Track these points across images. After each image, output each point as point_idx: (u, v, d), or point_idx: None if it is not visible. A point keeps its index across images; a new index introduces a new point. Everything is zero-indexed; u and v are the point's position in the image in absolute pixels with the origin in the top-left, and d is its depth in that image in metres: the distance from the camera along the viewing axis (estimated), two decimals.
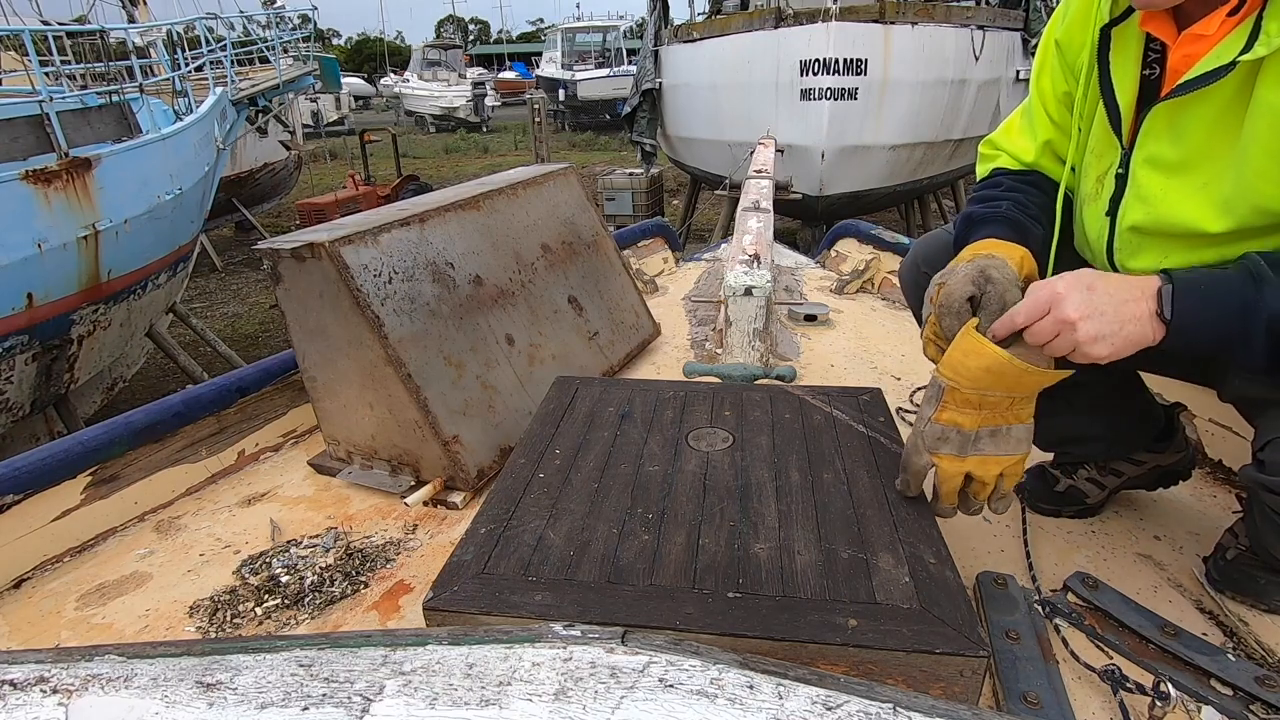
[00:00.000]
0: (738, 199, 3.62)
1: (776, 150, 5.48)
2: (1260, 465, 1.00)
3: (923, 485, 1.05)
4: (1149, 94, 1.05)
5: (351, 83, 33.31)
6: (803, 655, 0.82)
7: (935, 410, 1.00)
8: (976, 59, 8.04)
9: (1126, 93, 1.06)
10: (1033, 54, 9.63)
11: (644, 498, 1.07)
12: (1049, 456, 1.46)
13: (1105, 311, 0.91)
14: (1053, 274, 1.19)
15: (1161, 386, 1.51)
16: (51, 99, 4.53)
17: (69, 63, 6.85)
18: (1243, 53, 0.89)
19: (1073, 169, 1.18)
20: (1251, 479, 1.02)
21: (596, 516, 1.03)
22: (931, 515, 1.03)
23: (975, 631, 0.81)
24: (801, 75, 7.18)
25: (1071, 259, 1.21)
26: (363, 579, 1.32)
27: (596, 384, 1.44)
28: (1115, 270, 1.15)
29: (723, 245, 3.79)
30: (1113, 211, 1.10)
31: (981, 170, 1.31)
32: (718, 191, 7.31)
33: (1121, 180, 1.08)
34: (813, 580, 0.90)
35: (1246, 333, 0.88)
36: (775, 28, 7.40)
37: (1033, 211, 1.19)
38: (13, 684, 0.43)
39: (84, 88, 5.92)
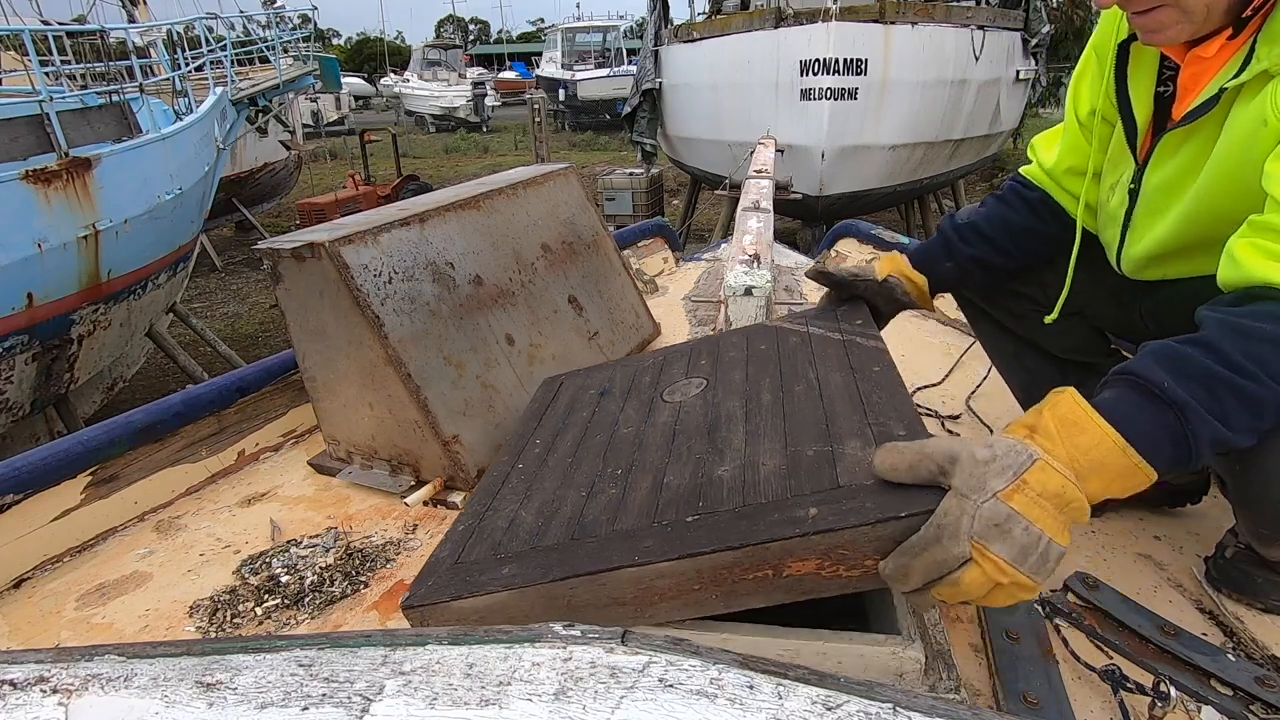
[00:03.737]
0: (738, 199, 3.62)
1: (776, 150, 5.48)
2: None
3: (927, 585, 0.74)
4: (1163, 111, 1.07)
5: (351, 83, 33.29)
6: (769, 558, 0.78)
7: (1006, 486, 0.71)
8: (976, 59, 8.04)
9: (1143, 109, 1.09)
10: (1032, 54, 9.68)
11: (615, 458, 1.05)
12: None
13: None
14: (1071, 278, 1.24)
15: None
16: (51, 99, 4.53)
17: (69, 63, 6.86)
18: (1233, 78, 0.92)
19: (1095, 175, 1.22)
20: None
21: (568, 486, 1.02)
22: (905, 392, 0.95)
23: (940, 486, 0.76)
24: (801, 75, 7.19)
25: (1091, 265, 1.25)
26: (363, 579, 1.32)
27: (580, 374, 1.44)
28: (1121, 273, 1.20)
29: (723, 245, 3.79)
30: (1125, 223, 1.14)
31: (1025, 168, 1.37)
32: (718, 191, 7.31)
33: (1133, 195, 1.11)
34: (775, 484, 0.85)
35: (1193, 456, 0.80)
36: (775, 28, 7.40)
37: (988, 232, 1.32)
38: (13, 684, 0.43)
39: (84, 88, 5.92)
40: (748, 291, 1.99)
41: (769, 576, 0.80)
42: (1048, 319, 1.30)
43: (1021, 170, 1.37)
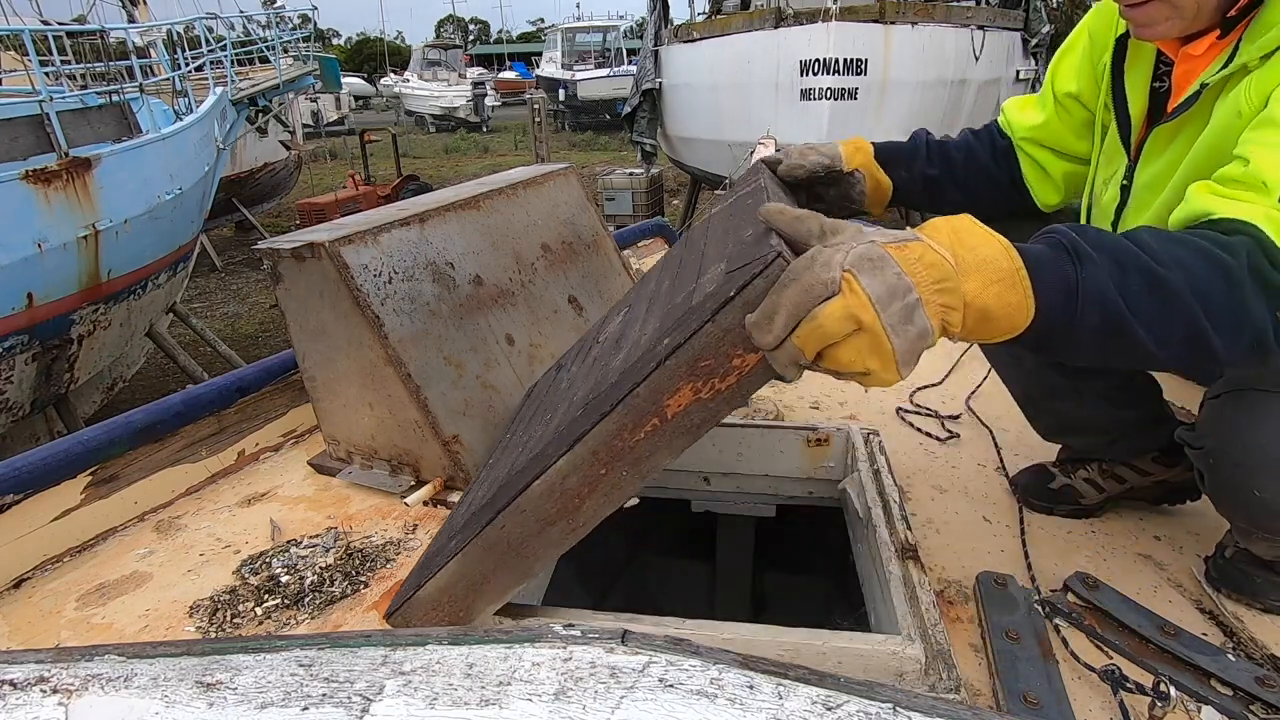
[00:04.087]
0: None
1: (776, 150, 5.48)
2: (1190, 427, 1.06)
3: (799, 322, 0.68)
4: (1158, 107, 1.08)
5: (351, 83, 33.33)
6: (646, 407, 0.76)
7: (886, 241, 0.70)
8: (976, 59, 8.05)
9: (1138, 105, 1.10)
10: (1032, 54, 9.70)
11: (549, 409, 1.07)
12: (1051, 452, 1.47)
13: None
14: None
15: (1180, 398, 1.51)
16: (51, 99, 4.54)
17: (69, 63, 6.86)
18: (1216, 74, 0.94)
19: (1086, 160, 1.23)
20: (1178, 438, 1.09)
21: (511, 452, 1.04)
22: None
23: (765, 244, 0.71)
24: (801, 75, 7.19)
25: None
26: (363, 579, 1.32)
27: (551, 368, 1.46)
28: None
29: None
30: (1115, 220, 1.15)
31: (1001, 119, 1.38)
32: (718, 191, 7.31)
33: (1125, 191, 1.12)
34: (646, 344, 0.84)
35: (1078, 311, 0.73)
36: (775, 28, 7.40)
37: (954, 156, 1.31)
38: (13, 684, 0.43)
39: (84, 88, 5.93)
40: None
41: (659, 426, 0.78)
42: None
43: (998, 119, 1.38)
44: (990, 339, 0.73)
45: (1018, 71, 9.12)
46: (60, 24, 8.52)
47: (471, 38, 69.39)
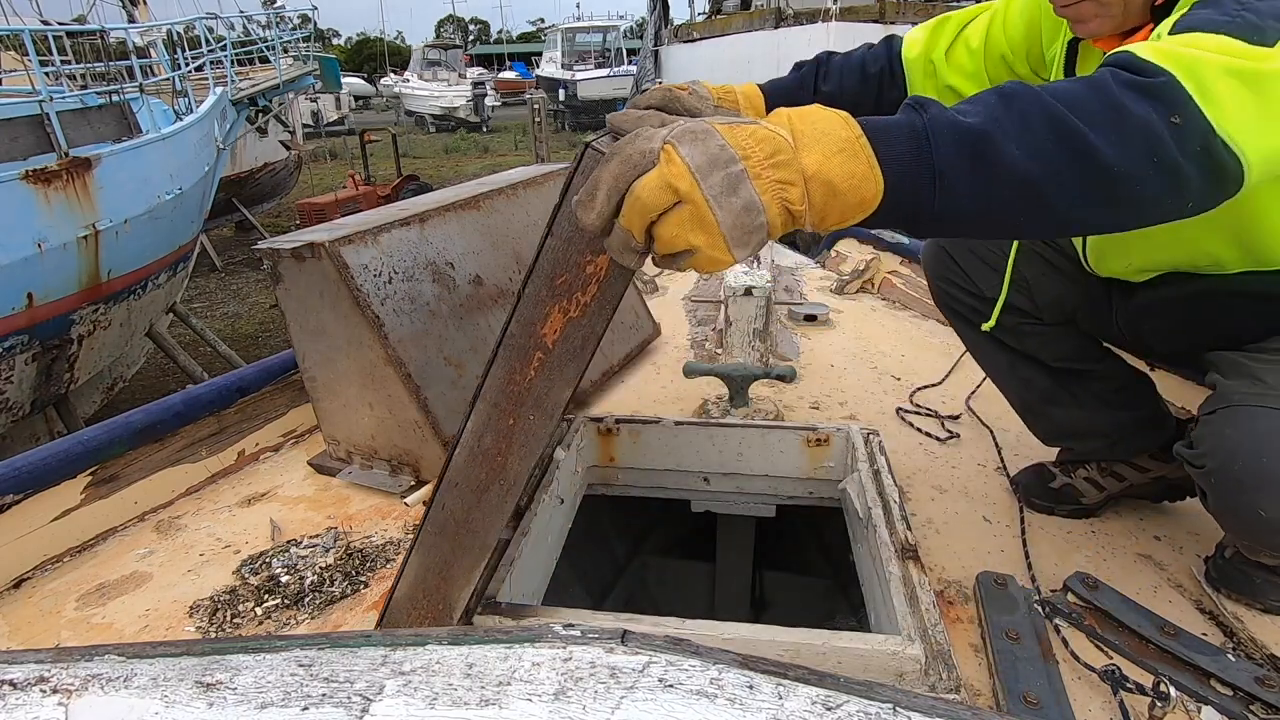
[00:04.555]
0: None
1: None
2: (1189, 443, 1.05)
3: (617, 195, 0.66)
4: None
5: (351, 83, 33.34)
6: (525, 343, 0.77)
7: (718, 121, 0.67)
8: None
9: None
10: None
11: None
12: (1051, 454, 1.47)
13: None
14: (1009, 282, 1.28)
15: (1179, 398, 1.51)
16: (51, 99, 4.54)
17: (69, 63, 6.86)
18: None
19: None
20: (1176, 454, 1.08)
21: None
22: None
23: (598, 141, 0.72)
24: None
25: (1076, 271, 1.26)
26: (363, 579, 1.32)
27: None
28: (1091, 270, 1.21)
29: None
30: None
31: (913, 34, 1.26)
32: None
33: None
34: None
35: (928, 161, 0.67)
36: (775, 28, 7.42)
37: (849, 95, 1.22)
38: (13, 684, 0.43)
39: (84, 88, 5.93)
40: (748, 291, 1.99)
41: (544, 359, 0.78)
42: (985, 326, 1.32)
43: (905, 61, 1.26)
44: (846, 219, 0.68)
45: None
46: (60, 24, 8.52)
47: (471, 38, 69.47)
